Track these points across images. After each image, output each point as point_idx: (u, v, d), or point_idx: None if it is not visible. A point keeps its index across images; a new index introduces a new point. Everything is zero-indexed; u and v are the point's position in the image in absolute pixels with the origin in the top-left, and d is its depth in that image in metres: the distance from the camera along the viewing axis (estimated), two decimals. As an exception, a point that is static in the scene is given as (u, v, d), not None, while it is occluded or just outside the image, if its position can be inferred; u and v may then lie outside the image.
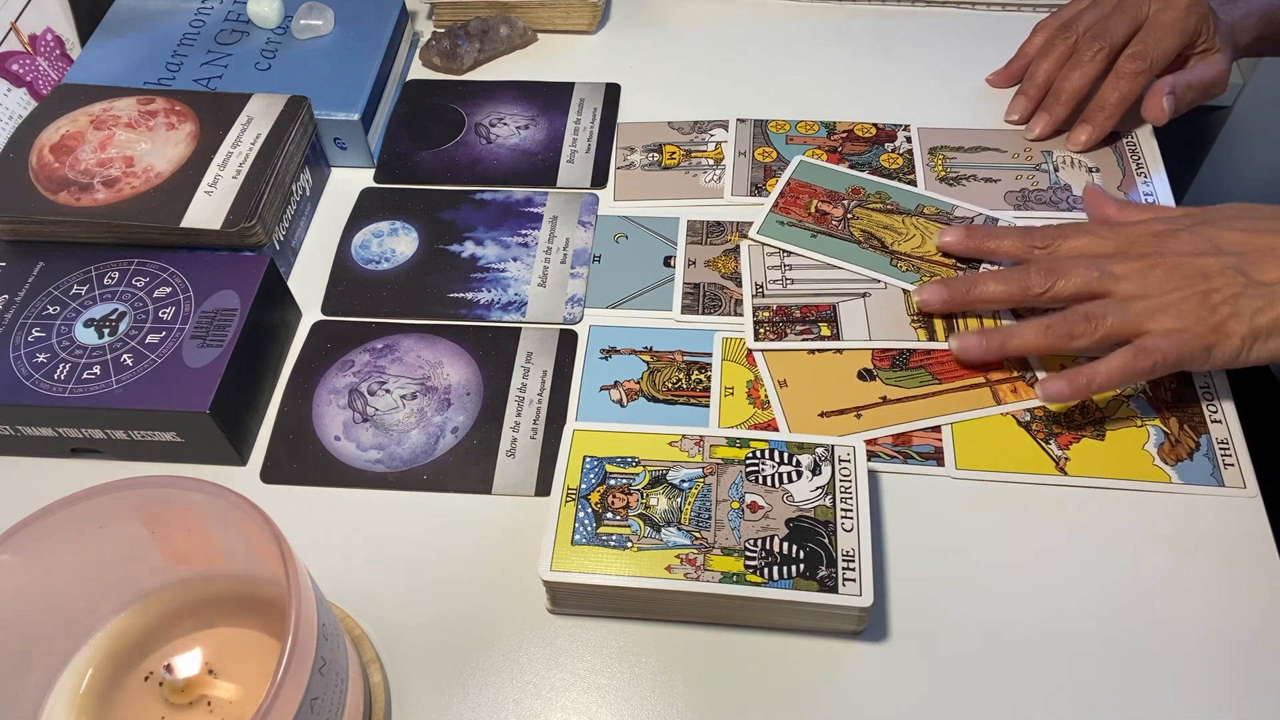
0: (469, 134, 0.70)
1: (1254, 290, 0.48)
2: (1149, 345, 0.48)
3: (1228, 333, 0.48)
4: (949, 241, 0.59)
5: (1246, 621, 0.47)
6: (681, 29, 0.78)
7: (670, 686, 0.46)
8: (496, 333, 0.59)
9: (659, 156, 0.68)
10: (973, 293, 0.55)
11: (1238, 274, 0.49)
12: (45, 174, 0.59)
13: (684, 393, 0.56)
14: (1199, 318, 0.48)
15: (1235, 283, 0.48)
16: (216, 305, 0.54)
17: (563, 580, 0.45)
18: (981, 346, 0.54)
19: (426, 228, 0.64)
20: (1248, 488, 0.51)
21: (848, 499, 0.46)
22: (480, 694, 0.46)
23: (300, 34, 0.70)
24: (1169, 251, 0.51)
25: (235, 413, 0.53)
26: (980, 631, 0.47)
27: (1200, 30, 0.63)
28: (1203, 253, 0.50)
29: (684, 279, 0.61)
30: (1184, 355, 0.48)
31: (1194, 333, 0.48)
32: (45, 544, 0.38)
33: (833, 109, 0.70)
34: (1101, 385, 0.50)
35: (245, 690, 0.41)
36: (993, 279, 0.54)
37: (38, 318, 0.54)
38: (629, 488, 0.47)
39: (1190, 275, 0.49)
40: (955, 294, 0.56)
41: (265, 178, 0.58)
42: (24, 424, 0.52)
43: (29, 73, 0.70)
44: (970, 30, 0.76)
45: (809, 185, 0.65)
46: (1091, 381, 0.49)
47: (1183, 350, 0.48)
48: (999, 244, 0.57)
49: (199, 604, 0.43)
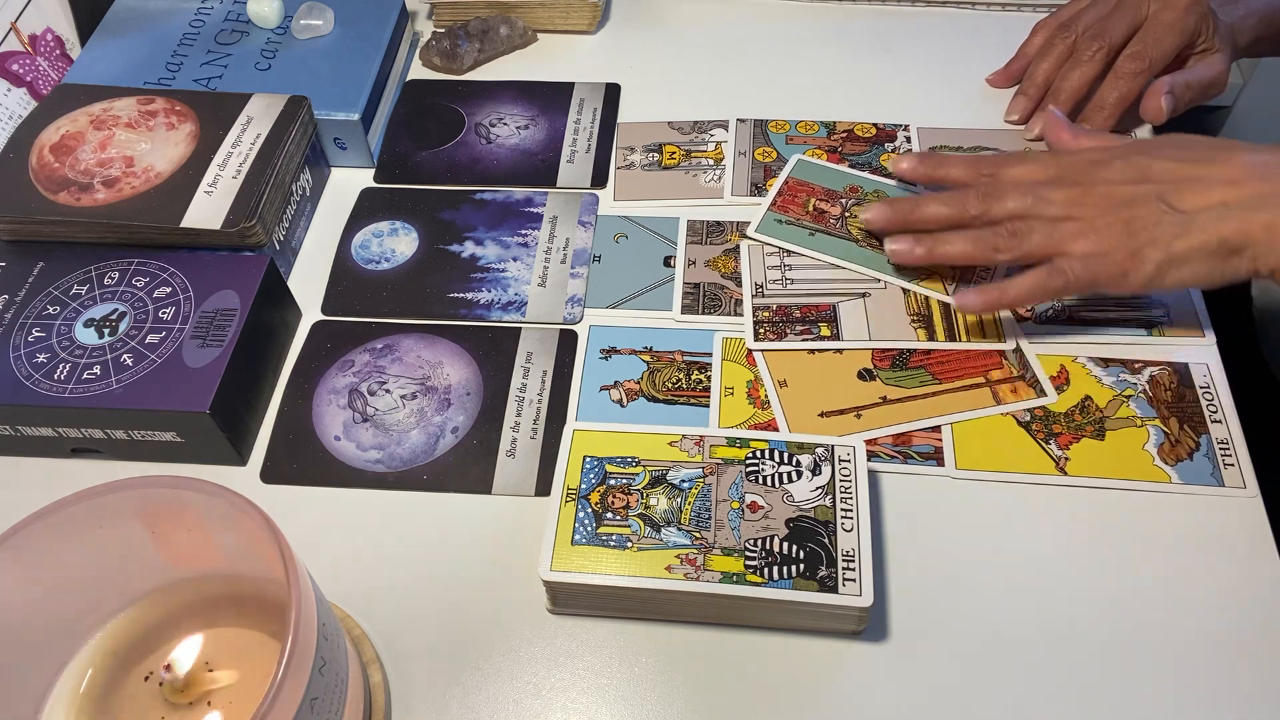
0: (469, 134, 0.70)
1: (1173, 218, 0.50)
2: (1062, 265, 0.51)
3: (1144, 258, 0.49)
4: (904, 169, 0.60)
5: (1246, 621, 0.47)
6: (681, 29, 0.78)
7: (670, 686, 0.46)
8: (496, 333, 0.59)
9: (659, 156, 0.68)
10: (915, 213, 0.57)
11: (1160, 202, 0.50)
12: (45, 174, 0.59)
13: (684, 393, 0.56)
14: (1118, 243, 0.50)
15: (1156, 210, 0.50)
16: (216, 305, 0.54)
17: (563, 580, 0.45)
18: (914, 252, 0.56)
19: (426, 228, 0.64)
20: (1248, 488, 0.51)
21: (848, 499, 0.46)
22: (480, 694, 0.46)
23: (300, 34, 0.70)
24: (1100, 180, 0.52)
25: (235, 413, 0.53)
26: (980, 631, 0.47)
27: (1200, 30, 0.63)
28: (1131, 180, 0.52)
29: (684, 279, 0.61)
30: (1098, 277, 0.50)
31: (1112, 258, 0.50)
32: (45, 544, 0.38)
33: (833, 109, 0.70)
34: (1013, 299, 0.52)
35: (245, 690, 0.41)
36: (934, 200, 0.56)
37: (38, 318, 0.54)
38: (629, 488, 0.47)
39: (1116, 202, 0.51)
40: (898, 213, 0.58)
41: (265, 178, 0.58)
42: (24, 424, 0.52)
43: (29, 73, 0.70)
44: (970, 30, 0.76)
45: (807, 184, 0.65)
46: (1003, 294, 0.52)
47: (1097, 272, 0.50)
48: (949, 171, 0.59)
49: (199, 604, 0.43)
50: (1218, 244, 0.49)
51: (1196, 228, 0.49)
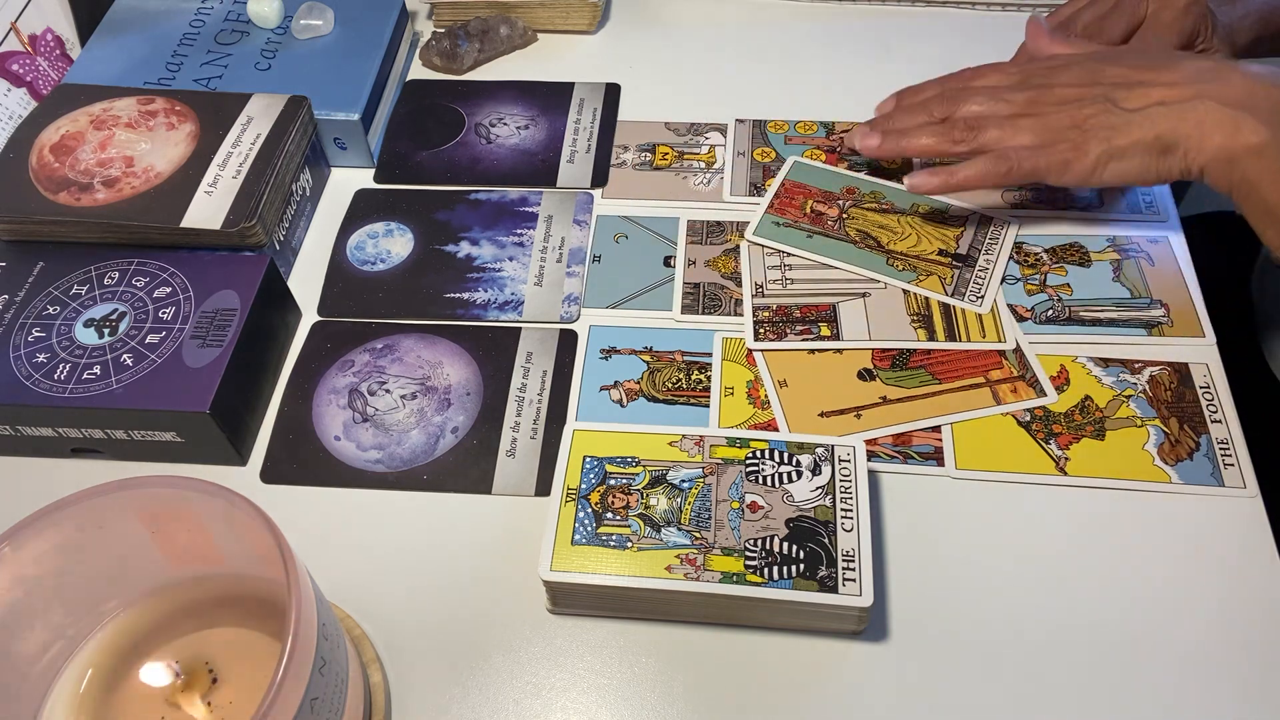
0: (469, 134, 0.70)
1: (1116, 115, 0.54)
2: (1008, 152, 0.55)
3: (1085, 151, 0.54)
4: (886, 107, 0.63)
5: (1246, 621, 0.47)
6: (681, 29, 0.78)
7: (670, 686, 0.46)
8: (496, 333, 0.59)
9: (651, 156, 0.68)
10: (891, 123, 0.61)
11: (1106, 101, 0.54)
12: (45, 174, 0.59)
13: (684, 393, 0.56)
14: (1062, 135, 0.55)
15: (1102, 108, 0.54)
16: (216, 305, 0.54)
17: (563, 580, 0.45)
18: (880, 145, 0.60)
19: (422, 228, 0.64)
20: (1248, 488, 0.51)
21: (848, 499, 0.46)
22: (480, 694, 0.46)
23: (300, 34, 0.70)
24: (1056, 82, 0.57)
25: (235, 413, 0.53)
26: (980, 631, 0.47)
27: (1198, 30, 0.63)
28: (1083, 84, 0.56)
29: (684, 279, 0.61)
30: (1039, 165, 0.55)
31: (1055, 148, 0.54)
32: (45, 544, 0.38)
33: (832, 109, 0.70)
34: (961, 182, 0.57)
35: (245, 690, 0.41)
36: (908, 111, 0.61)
37: (38, 318, 0.54)
38: (629, 488, 0.47)
39: (1066, 101, 0.56)
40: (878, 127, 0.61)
41: (265, 178, 0.58)
42: (24, 424, 0.52)
43: (29, 73, 0.70)
44: (970, 30, 0.76)
45: (804, 186, 0.65)
46: (952, 176, 0.57)
47: (1038, 161, 0.55)
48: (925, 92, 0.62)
49: (199, 604, 0.43)
50: (1153, 139, 0.53)
51: (1134, 125, 0.53)
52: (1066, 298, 0.58)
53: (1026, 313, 0.58)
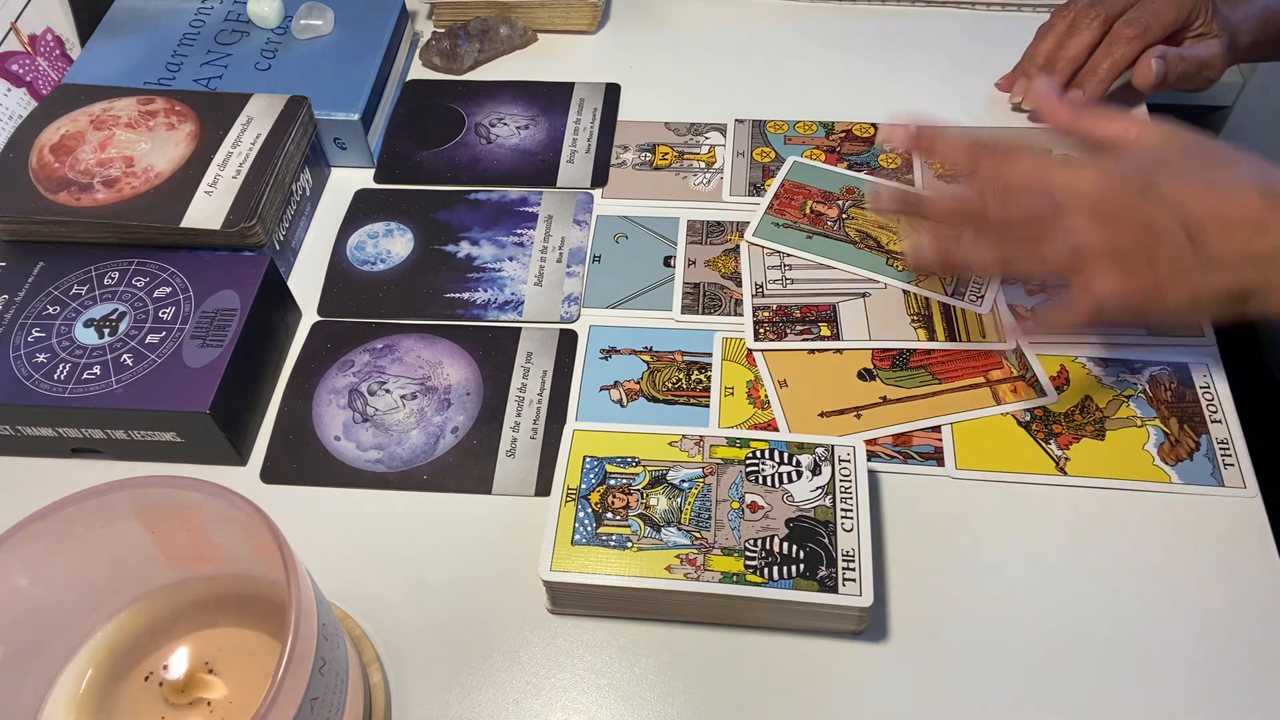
0: (469, 134, 0.70)
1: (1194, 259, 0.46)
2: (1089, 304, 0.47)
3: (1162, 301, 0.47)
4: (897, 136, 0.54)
5: (1246, 621, 0.47)
6: (681, 29, 0.78)
7: (670, 686, 0.46)
8: (496, 333, 0.59)
9: (651, 156, 0.68)
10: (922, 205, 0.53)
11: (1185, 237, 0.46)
12: (45, 174, 0.59)
13: (684, 393, 0.56)
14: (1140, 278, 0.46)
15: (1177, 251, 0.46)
16: (216, 305, 0.54)
17: (563, 580, 0.45)
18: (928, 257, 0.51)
19: (422, 228, 0.64)
20: (1248, 488, 0.51)
21: (848, 499, 0.46)
22: (480, 694, 0.46)
23: (300, 34, 0.70)
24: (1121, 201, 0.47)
25: (235, 413, 0.53)
26: (980, 631, 0.47)
27: (1198, 11, 0.63)
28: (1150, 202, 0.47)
29: (684, 279, 0.61)
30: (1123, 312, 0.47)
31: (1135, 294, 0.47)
32: (45, 544, 0.38)
33: (831, 109, 0.70)
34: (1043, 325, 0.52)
35: (245, 690, 0.41)
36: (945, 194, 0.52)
37: (38, 318, 0.54)
38: (629, 488, 0.47)
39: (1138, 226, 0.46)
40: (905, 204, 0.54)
41: (265, 178, 0.58)
42: (24, 424, 0.52)
43: (29, 73, 0.70)
44: (970, 30, 0.76)
45: (803, 186, 0.65)
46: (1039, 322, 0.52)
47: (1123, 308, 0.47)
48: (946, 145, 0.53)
49: (199, 604, 0.43)
50: (1236, 291, 0.46)
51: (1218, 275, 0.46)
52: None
53: (1026, 313, 0.58)
